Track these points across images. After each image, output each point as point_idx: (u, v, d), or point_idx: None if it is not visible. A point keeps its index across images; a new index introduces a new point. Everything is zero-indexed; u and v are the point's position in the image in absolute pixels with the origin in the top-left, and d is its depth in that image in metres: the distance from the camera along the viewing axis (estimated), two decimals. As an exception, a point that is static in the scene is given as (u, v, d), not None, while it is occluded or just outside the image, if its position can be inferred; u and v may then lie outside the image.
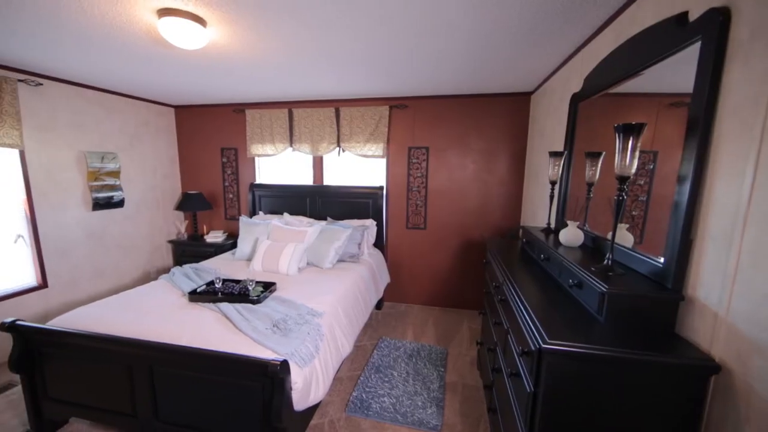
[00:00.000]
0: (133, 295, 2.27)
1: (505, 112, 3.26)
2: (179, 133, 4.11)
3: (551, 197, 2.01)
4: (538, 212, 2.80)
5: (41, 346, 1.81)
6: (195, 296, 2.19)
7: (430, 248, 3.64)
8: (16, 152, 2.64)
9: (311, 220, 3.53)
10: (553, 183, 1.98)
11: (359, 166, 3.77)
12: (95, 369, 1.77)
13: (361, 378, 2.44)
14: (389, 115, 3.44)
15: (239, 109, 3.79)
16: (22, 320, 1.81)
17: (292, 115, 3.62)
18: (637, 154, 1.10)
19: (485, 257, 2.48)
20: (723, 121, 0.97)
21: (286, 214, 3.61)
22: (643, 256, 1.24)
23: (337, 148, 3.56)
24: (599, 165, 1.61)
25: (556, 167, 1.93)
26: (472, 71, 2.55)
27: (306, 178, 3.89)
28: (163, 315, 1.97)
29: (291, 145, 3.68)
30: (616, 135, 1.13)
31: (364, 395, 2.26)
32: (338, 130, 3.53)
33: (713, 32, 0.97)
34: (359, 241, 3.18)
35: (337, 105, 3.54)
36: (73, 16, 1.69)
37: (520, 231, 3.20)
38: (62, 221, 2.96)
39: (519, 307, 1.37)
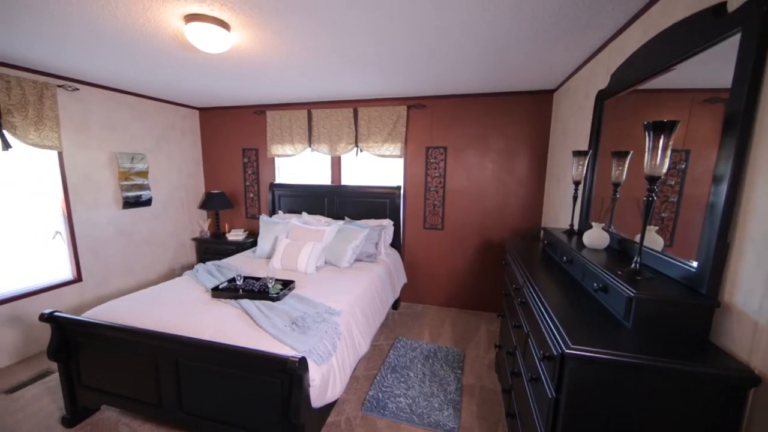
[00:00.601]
0: (160, 291, 2.36)
1: (525, 111, 3.19)
2: (203, 135, 4.25)
3: (574, 198, 1.95)
4: (560, 213, 2.72)
5: (76, 337, 1.92)
6: (217, 292, 2.25)
7: (447, 249, 3.61)
8: (54, 154, 2.81)
9: (329, 219, 3.57)
10: (576, 183, 1.92)
11: (377, 166, 3.78)
12: (124, 360, 1.85)
13: (378, 377, 2.45)
14: (407, 114, 3.43)
15: (260, 110, 3.88)
16: (60, 312, 1.92)
17: (311, 116, 3.68)
18: (668, 153, 1.06)
19: (504, 259, 2.44)
20: (765, 117, 0.92)
21: (304, 214, 3.67)
22: (674, 259, 1.19)
23: (355, 148, 3.59)
24: (626, 165, 1.55)
25: (580, 167, 1.87)
26: (491, 69, 2.51)
27: (324, 178, 3.94)
28: (188, 310, 2.04)
29: (310, 146, 3.73)
30: (646, 133, 1.08)
31: (380, 395, 2.27)
32: (356, 131, 3.55)
33: (755, 24, 0.92)
34: (376, 241, 3.19)
35: (355, 105, 3.56)
36: (108, 24, 1.78)
37: (541, 232, 3.12)
38: (95, 219, 3.12)
39: (540, 310, 1.33)
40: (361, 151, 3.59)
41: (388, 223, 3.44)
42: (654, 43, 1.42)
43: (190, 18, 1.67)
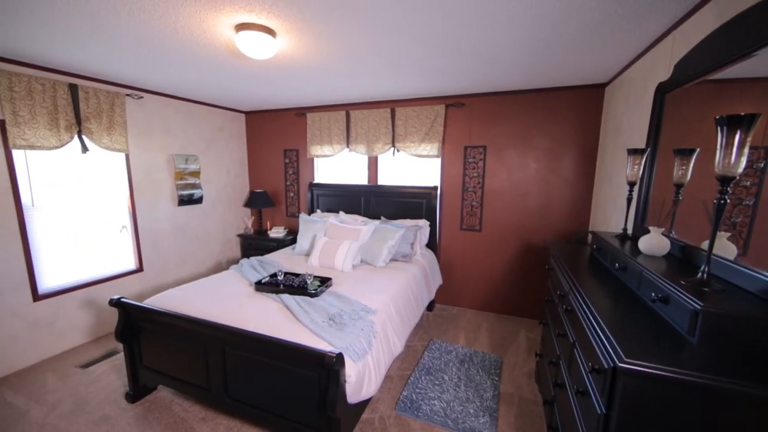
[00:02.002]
0: (209, 283, 2.54)
1: (573, 107, 3.01)
2: (248, 137, 4.50)
3: (629, 200, 1.80)
4: (610, 216, 2.54)
5: (139, 321, 2.12)
6: (260, 286, 2.37)
7: (485, 251, 3.50)
8: (123, 156, 3.12)
9: (365, 218, 3.61)
10: (631, 184, 1.77)
11: (413, 166, 3.76)
12: (178, 345, 2.01)
13: (411, 378, 2.44)
14: (445, 114, 3.38)
15: (301, 112, 4.03)
16: (126, 298, 2.13)
17: (349, 117, 3.75)
18: (745, 150, 0.94)
19: (548, 263, 2.32)
20: None
21: (341, 213, 3.75)
22: (752, 270, 1.05)
23: (392, 149, 3.60)
24: (691, 164, 1.40)
25: (636, 166, 1.73)
26: (536, 64, 2.39)
27: (361, 178, 3.99)
28: (234, 302, 2.18)
29: (348, 146, 3.80)
30: (718, 129, 0.97)
31: (414, 396, 2.26)
32: (393, 131, 3.56)
33: None
34: (412, 241, 3.18)
35: (392, 105, 3.57)
36: (169, 38, 1.94)
37: (589, 236, 2.93)
38: (155, 215, 3.42)
39: (588, 319, 1.25)
40: (398, 151, 3.59)
41: (424, 224, 3.41)
42: (731, 25, 1.27)
43: (240, 27, 1.78)
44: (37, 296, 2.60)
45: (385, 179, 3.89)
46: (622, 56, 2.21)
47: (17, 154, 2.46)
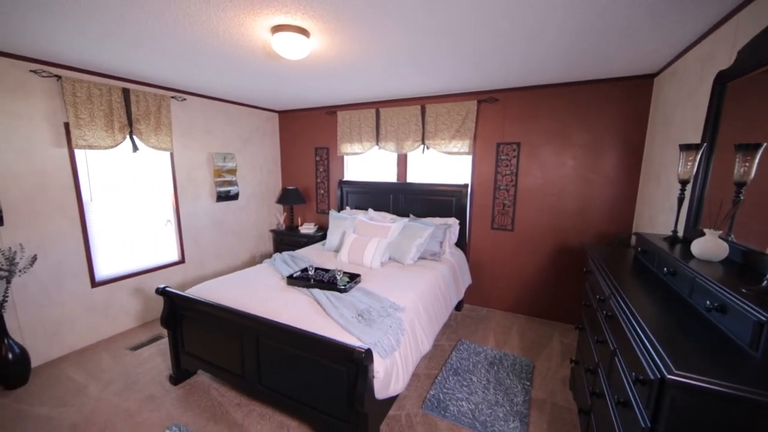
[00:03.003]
0: (245, 275, 2.66)
1: (617, 100, 2.82)
2: (281, 135, 4.64)
3: (680, 200, 1.67)
4: (657, 217, 2.36)
5: (181, 309, 2.26)
6: (292, 280, 2.45)
7: (517, 251, 3.39)
8: (167, 155, 3.33)
9: (394, 216, 3.61)
10: (683, 182, 1.64)
11: (443, 164, 3.71)
12: (216, 333, 2.13)
13: (439, 378, 2.42)
14: (477, 110, 3.30)
15: (331, 111, 4.09)
16: (170, 287, 2.28)
17: (378, 115, 3.76)
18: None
19: (585, 266, 2.20)
20: None
21: (370, 210, 3.78)
22: (829, 279, 0.94)
23: (422, 146, 3.57)
24: (756, 160, 1.27)
25: (690, 163, 1.59)
26: (578, 55, 2.27)
27: (390, 176, 4.00)
28: (267, 294, 2.26)
29: (377, 144, 3.82)
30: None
31: (441, 395, 2.24)
32: (423, 128, 3.53)
33: None
34: (441, 240, 3.14)
35: (422, 102, 3.54)
36: (210, 42, 2.04)
37: (633, 238, 2.75)
38: (195, 211, 3.63)
39: (632, 326, 1.17)
40: (427, 148, 3.56)
41: (453, 222, 3.36)
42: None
43: (276, 29, 1.83)
44: (94, 283, 2.85)
45: (414, 177, 3.87)
46: (676, 44, 2.04)
47: (78, 154, 2.70)
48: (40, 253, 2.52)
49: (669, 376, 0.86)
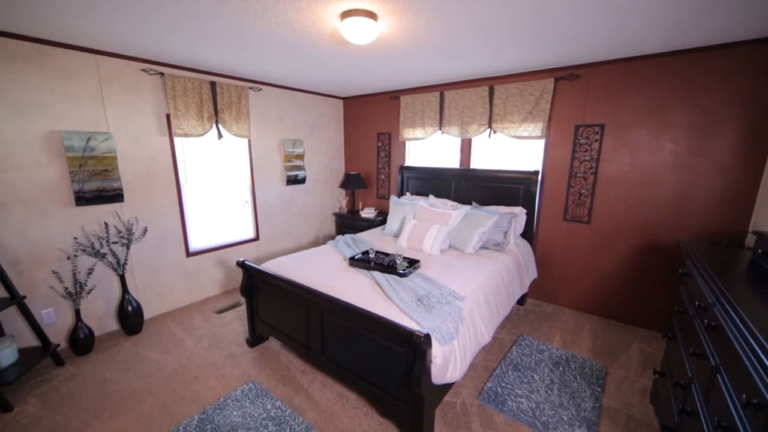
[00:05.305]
0: (311, 254, 2.84)
1: (737, 71, 2.32)
2: (345, 121, 4.77)
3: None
4: (787, 213, 1.93)
5: (256, 281, 2.51)
6: (353, 262, 2.55)
7: (592, 246, 3.07)
8: (245, 141, 3.66)
9: (455, 203, 3.51)
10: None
11: (510, 150, 3.48)
12: (285, 305, 2.32)
13: (497, 371, 2.34)
14: (554, 89, 2.99)
15: (395, 95, 4.07)
16: (248, 261, 2.54)
17: (443, 98, 3.63)
18: None
19: (682, 267, 1.91)
20: None
21: (431, 196, 3.73)
22: None
23: (488, 130, 3.37)
24: None
25: None
26: (686, 17, 1.90)
27: (452, 161, 3.88)
28: (331, 273, 2.39)
29: (440, 128, 3.71)
30: None
31: (499, 389, 2.17)
32: (491, 110, 3.32)
33: None
34: (506, 230, 2.98)
35: (490, 83, 3.32)
36: (284, 33, 2.15)
37: (751, 238, 2.31)
38: (268, 193, 3.96)
39: (745, 340, 0.99)
40: (494, 132, 3.35)
41: (520, 211, 3.15)
42: None
43: (345, 14, 1.85)
44: (188, 254, 3.31)
45: (477, 163, 3.70)
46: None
47: (176, 141, 3.10)
48: (149, 226, 2.99)
49: (799, 405, 0.71)
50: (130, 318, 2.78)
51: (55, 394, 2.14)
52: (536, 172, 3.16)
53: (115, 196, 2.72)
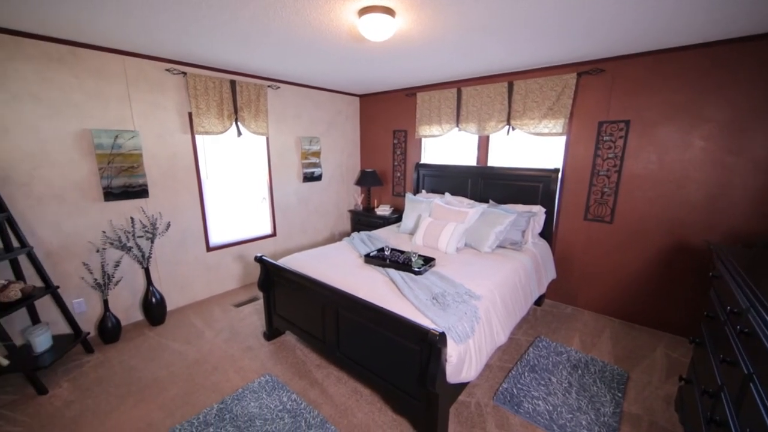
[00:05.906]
0: (326, 251, 2.87)
1: (778, 62, 2.18)
2: (361, 119, 4.78)
3: None
4: (832, 215, 1.80)
5: (273, 276, 2.56)
6: (369, 259, 2.56)
7: (615, 246, 2.97)
8: (263, 139, 3.72)
9: (472, 201, 3.47)
10: None
11: (528, 147, 3.40)
12: (302, 300, 2.36)
13: (513, 372, 2.31)
14: (576, 84, 2.90)
15: (411, 92, 4.04)
16: (266, 256, 2.59)
17: (460, 94, 3.58)
18: None
19: (712, 270, 1.82)
20: None
21: (447, 194, 3.69)
22: None
23: (507, 127, 3.30)
24: None
25: None
26: (723, 5, 1.80)
27: (469, 159, 3.82)
28: (347, 270, 2.41)
29: (457, 125, 3.67)
30: None
31: (514, 390, 2.14)
32: (509, 107, 3.25)
33: None
34: (524, 229, 2.92)
35: (510, 79, 3.25)
36: (302, 31, 2.17)
37: (787, 240, 2.17)
38: (285, 190, 4.02)
39: (783, 349, 0.93)
40: (513, 129, 3.28)
41: (539, 210, 3.08)
42: None
43: (363, 11, 1.85)
44: (209, 248, 3.41)
45: (495, 161, 3.63)
46: None
47: (197, 139, 3.19)
48: (172, 221, 3.09)
49: (843, 419, 0.67)
50: (154, 309, 2.89)
51: (86, 380, 2.26)
52: (556, 170, 3.07)
53: (140, 191, 2.83)
